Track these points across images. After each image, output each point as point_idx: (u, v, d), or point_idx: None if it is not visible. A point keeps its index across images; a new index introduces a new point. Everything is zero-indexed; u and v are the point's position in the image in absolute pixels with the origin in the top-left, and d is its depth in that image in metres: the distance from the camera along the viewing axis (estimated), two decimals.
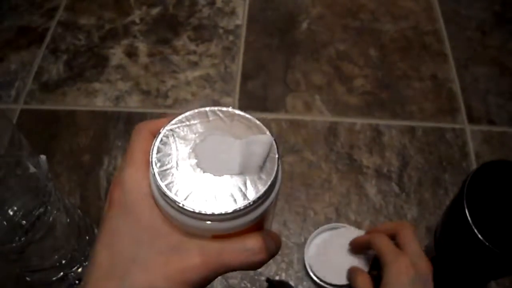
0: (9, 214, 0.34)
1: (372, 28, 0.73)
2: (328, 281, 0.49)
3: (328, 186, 0.57)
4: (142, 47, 0.71)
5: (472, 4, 0.75)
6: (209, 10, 0.75)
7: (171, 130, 0.26)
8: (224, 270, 0.25)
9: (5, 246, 0.37)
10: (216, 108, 0.27)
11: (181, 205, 0.23)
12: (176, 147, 0.26)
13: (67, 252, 0.43)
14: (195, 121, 0.27)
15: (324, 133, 0.62)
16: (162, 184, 0.24)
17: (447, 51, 0.70)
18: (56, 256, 0.42)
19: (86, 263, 0.46)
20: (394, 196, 0.57)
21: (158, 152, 0.25)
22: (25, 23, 0.74)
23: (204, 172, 0.25)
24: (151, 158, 0.25)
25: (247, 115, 0.27)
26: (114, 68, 0.69)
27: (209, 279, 0.25)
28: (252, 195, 0.24)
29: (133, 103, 0.65)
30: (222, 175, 0.25)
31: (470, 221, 0.36)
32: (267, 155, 0.25)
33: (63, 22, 0.74)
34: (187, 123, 0.27)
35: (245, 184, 0.25)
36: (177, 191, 0.24)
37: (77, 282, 0.47)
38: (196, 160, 0.25)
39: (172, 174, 0.25)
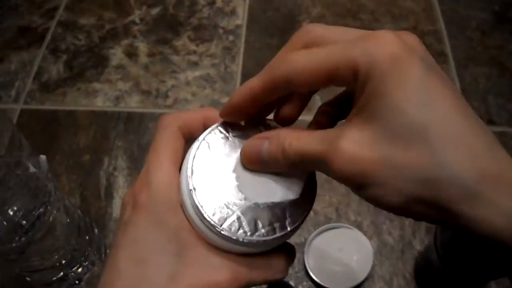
0: (9, 214, 0.34)
1: (372, 28, 0.72)
2: (327, 281, 0.49)
3: (328, 186, 0.57)
4: (142, 47, 0.71)
5: (472, 4, 0.75)
6: (209, 10, 0.75)
7: (208, 142, 0.25)
8: (249, 286, 0.24)
9: (5, 246, 0.37)
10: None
11: (219, 230, 0.23)
12: (216, 164, 0.24)
13: (67, 252, 0.43)
14: (236, 134, 0.25)
15: None
16: (200, 206, 0.23)
17: (447, 51, 0.70)
18: (56, 256, 0.42)
19: (86, 263, 0.46)
20: None
21: (194, 165, 0.24)
22: (25, 23, 0.74)
23: (244, 196, 0.24)
24: (188, 172, 0.24)
25: None
26: (114, 68, 0.69)
27: None
28: (290, 223, 0.24)
29: (133, 103, 0.65)
30: (262, 201, 0.24)
31: None
32: (307, 182, 0.25)
33: (63, 22, 0.74)
34: (227, 135, 0.25)
35: (284, 211, 0.24)
36: (214, 213, 0.23)
37: (77, 282, 0.47)
38: (237, 183, 0.24)
39: (210, 194, 0.24)
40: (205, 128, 0.26)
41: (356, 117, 0.20)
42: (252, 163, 0.24)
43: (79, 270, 0.46)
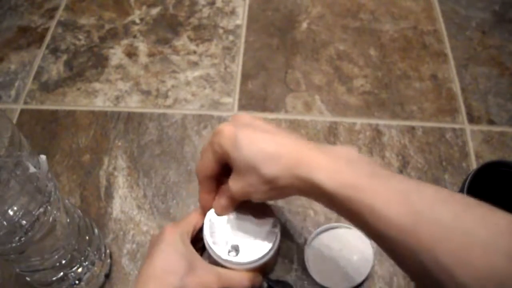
0: (9, 214, 0.34)
1: (372, 28, 0.73)
2: (327, 281, 0.49)
3: None
4: (142, 47, 0.71)
5: (472, 4, 0.75)
6: (209, 10, 0.75)
7: (211, 217, 0.46)
8: (227, 286, 0.43)
9: (5, 246, 0.37)
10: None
11: (228, 259, 0.44)
12: (217, 231, 0.45)
13: (67, 252, 0.43)
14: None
15: (324, 133, 0.62)
16: (209, 246, 0.44)
17: (447, 51, 0.70)
18: (56, 256, 0.42)
19: (86, 263, 0.46)
20: None
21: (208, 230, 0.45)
22: (25, 23, 0.74)
23: (231, 239, 0.45)
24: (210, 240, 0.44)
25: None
26: (114, 68, 0.69)
27: None
28: (251, 260, 0.43)
29: (133, 103, 0.65)
30: (239, 241, 0.44)
31: None
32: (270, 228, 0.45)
33: (63, 22, 0.74)
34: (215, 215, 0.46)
35: (251, 249, 0.44)
36: (216, 247, 0.44)
37: (77, 282, 0.47)
38: (230, 232, 0.45)
39: (215, 240, 0.45)
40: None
41: (232, 171, 0.40)
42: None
43: (79, 270, 0.46)
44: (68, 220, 0.42)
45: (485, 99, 0.65)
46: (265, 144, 0.37)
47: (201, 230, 0.45)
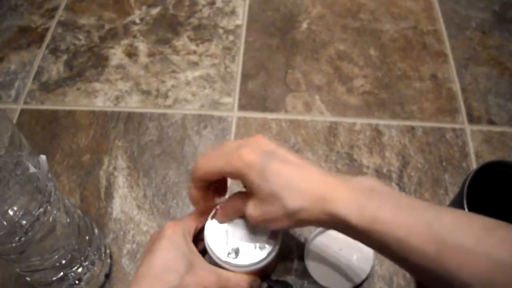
0: (9, 214, 0.34)
1: (372, 28, 0.73)
2: (327, 281, 0.49)
3: None
4: (142, 47, 0.71)
5: (472, 4, 0.75)
6: (209, 10, 0.75)
7: (211, 222, 0.45)
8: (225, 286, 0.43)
9: (5, 246, 0.37)
10: None
11: (228, 261, 0.43)
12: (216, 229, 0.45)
13: (67, 252, 0.43)
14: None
15: (324, 133, 0.62)
16: (210, 248, 0.44)
17: (447, 51, 0.70)
18: (56, 256, 0.42)
19: (86, 263, 0.46)
20: None
21: (208, 230, 0.45)
22: (25, 23, 0.74)
23: (232, 241, 0.44)
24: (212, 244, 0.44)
25: None
26: (114, 68, 0.69)
27: None
28: (250, 262, 0.43)
29: (133, 103, 0.65)
30: (240, 244, 0.44)
31: None
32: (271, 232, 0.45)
33: (63, 22, 0.74)
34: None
35: (259, 249, 0.44)
36: (217, 250, 0.44)
37: (77, 282, 0.47)
38: (229, 237, 0.45)
39: (217, 242, 0.44)
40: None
41: (250, 194, 0.40)
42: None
43: (79, 270, 0.46)
44: (68, 220, 0.42)
45: (485, 99, 0.65)
46: (292, 176, 0.38)
47: (202, 230, 0.45)
